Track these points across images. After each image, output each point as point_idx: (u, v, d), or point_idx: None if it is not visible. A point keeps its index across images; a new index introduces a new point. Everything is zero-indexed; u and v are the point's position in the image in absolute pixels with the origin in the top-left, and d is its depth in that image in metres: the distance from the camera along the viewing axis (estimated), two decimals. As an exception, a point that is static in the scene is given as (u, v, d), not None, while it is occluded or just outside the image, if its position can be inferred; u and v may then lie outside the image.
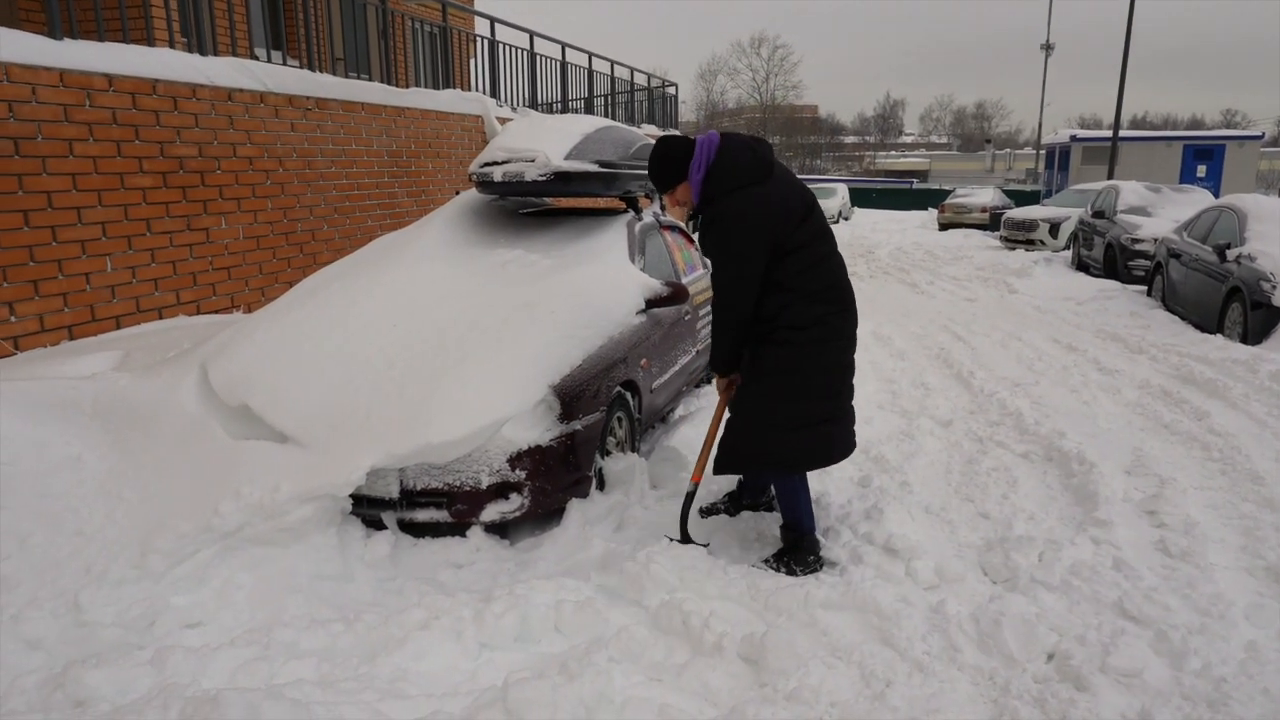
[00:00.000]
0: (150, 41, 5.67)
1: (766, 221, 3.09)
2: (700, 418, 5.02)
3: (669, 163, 3.25)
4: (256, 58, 7.38)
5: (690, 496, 3.46)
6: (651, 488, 4.01)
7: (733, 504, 3.80)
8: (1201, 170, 24.13)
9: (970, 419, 5.40)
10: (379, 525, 3.44)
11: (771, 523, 3.67)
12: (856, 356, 3.39)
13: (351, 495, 3.29)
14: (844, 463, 4.12)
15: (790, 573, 3.23)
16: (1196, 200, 12.82)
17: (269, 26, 8.22)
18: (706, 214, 3.21)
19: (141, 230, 5.28)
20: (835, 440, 3.34)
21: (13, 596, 2.72)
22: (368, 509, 3.41)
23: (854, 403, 3.44)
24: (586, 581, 3.10)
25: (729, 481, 3.93)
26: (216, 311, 5.88)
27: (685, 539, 3.42)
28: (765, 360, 3.22)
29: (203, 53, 6.02)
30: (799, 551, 3.30)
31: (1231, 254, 8.17)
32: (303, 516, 3.14)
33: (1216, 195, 15.95)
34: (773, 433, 3.22)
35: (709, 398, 5.43)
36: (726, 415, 3.41)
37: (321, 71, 7.49)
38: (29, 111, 4.53)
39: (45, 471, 3.13)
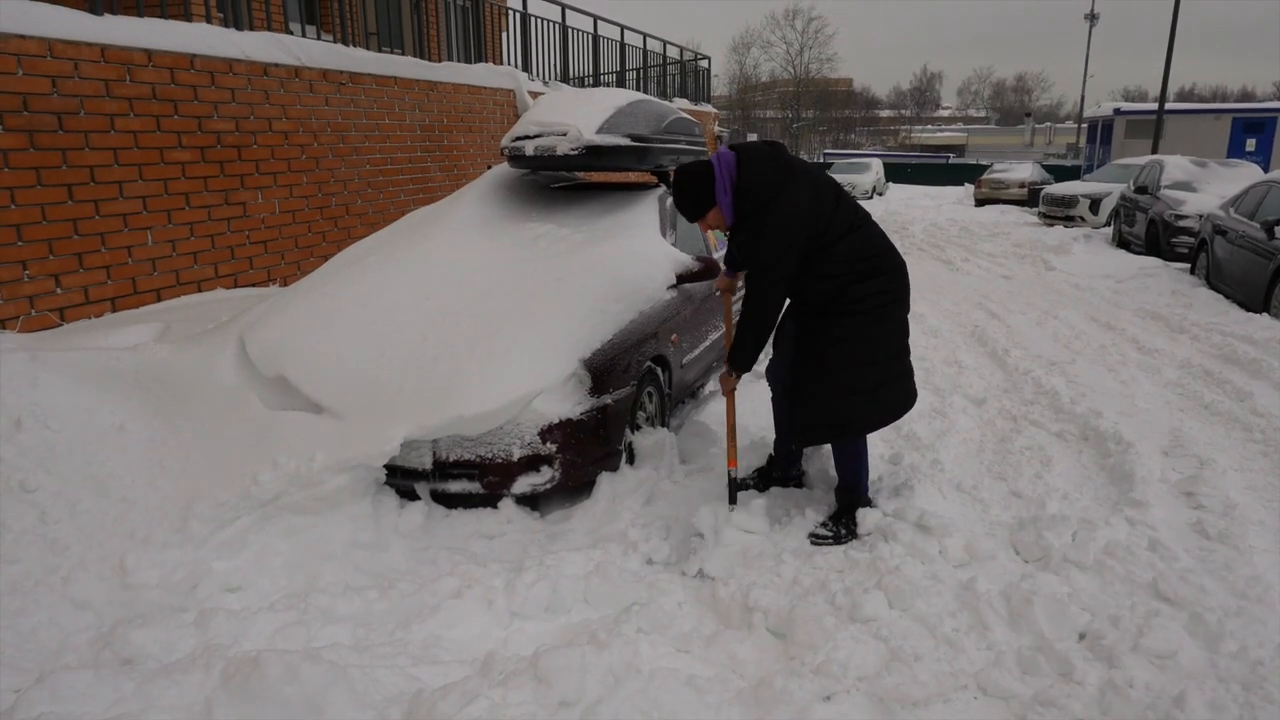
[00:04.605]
0: (188, 16, 5.72)
1: (805, 226, 3.13)
2: (730, 393, 5.01)
3: (695, 192, 3.27)
4: (291, 32, 7.42)
5: (733, 481, 3.47)
6: (681, 462, 4.03)
7: (762, 480, 3.80)
8: (1251, 144, 23.39)
9: (1004, 397, 5.34)
10: (412, 495, 3.49)
11: (801, 498, 3.67)
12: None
13: (385, 466, 3.34)
14: (875, 440, 4.12)
15: (850, 535, 3.30)
16: (1245, 175, 12.43)
17: (303, 1, 8.25)
18: (744, 230, 3.23)
19: (181, 204, 5.37)
20: (906, 394, 3.44)
21: (63, 559, 2.81)
22: (401, 479, 3.46)
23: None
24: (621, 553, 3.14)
25: (759, 457, 3.93)
26: (253, 285, 5.97)
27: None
28: (834, 330, 3.24)
29: (239, 27, 6.07)
30: (854, 512, 3.37)
31: (1280, 231, 7.94)
32: (338, 486, 3.20)
33: (1266, 170, 15.45)
34: (853, 398, 3.27)
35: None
36: (797, 388, 3.39)
37: (355, 46, 7.51)
38: (71, 87, 4.61)
39: (91, 439, 3.22)
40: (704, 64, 18.27)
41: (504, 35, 11.10)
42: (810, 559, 3.10)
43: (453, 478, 3.46)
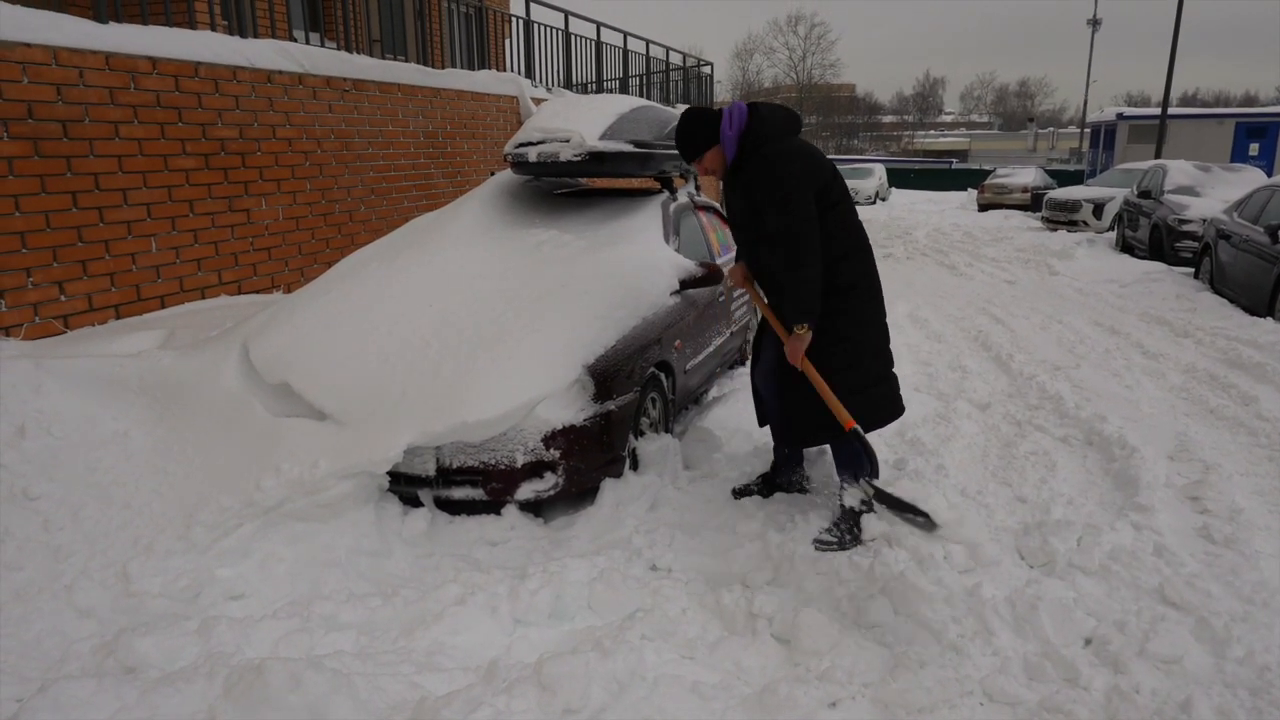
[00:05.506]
0: (192, 24, 5.74)
1: (811, 167, 3.19)
2: (733, 399, 5.01)
3: (698, 126, 3.32)
4: (295, 40, 7.45)
5: (863, 439, 3.17)
6: (685, 469, 4.02)
7: (766, 485, 3.80)
8: (1254, 149, 23.35)
9: (1008, 402, 5.32)
10: (416, 502, 3.49)
11: (804, 504, 3.66)
12: (892, 339, 3.51)
13: (389, 473, 3.34)
14: (879, 444, 4.11)
15: (854, 540, 3.27)
16: (1248, 180, 12.42)
17: (307, 8, 8.28)
18: (750, 166, 3.26)
19: (185, 211, 5.38)
20: (894, 396, 3.48)
21: (66, 566, 2.81)
22: (405, 486, 3.46)
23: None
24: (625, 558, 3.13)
25: (763, 463, 3.93)
26: (257, 291, 5.98)
27: (900, 505, 2.88)
28: (831, 330, 3.27)
29: (243, 35, 6.09)
30: (858, 516, 3.33)
31: (1284, 235, 7.92)
32: (341, 493, 3.19)
33: (1269, 174, 15.43)
34: (852, 398, 3.27)
35: (742, 379, 5.41)
36: (790, 390, 3.39)
37: (358, 53, 7.53)
38: (77, 94, 4.62)
39: (95, 446, 3.22)
40: (706, 70, 18.30)
41: (507, 42, 11.13)
42: (814, 564, 3.09)
43: (456, 484, 3.46)
